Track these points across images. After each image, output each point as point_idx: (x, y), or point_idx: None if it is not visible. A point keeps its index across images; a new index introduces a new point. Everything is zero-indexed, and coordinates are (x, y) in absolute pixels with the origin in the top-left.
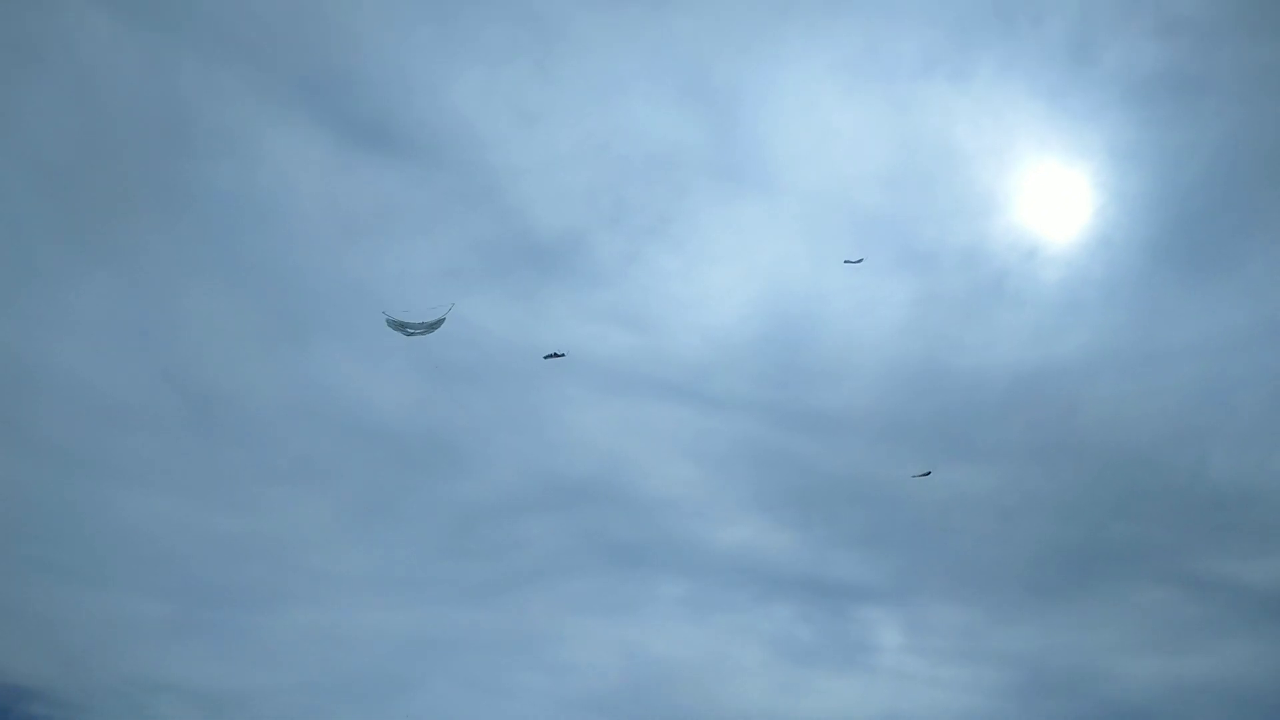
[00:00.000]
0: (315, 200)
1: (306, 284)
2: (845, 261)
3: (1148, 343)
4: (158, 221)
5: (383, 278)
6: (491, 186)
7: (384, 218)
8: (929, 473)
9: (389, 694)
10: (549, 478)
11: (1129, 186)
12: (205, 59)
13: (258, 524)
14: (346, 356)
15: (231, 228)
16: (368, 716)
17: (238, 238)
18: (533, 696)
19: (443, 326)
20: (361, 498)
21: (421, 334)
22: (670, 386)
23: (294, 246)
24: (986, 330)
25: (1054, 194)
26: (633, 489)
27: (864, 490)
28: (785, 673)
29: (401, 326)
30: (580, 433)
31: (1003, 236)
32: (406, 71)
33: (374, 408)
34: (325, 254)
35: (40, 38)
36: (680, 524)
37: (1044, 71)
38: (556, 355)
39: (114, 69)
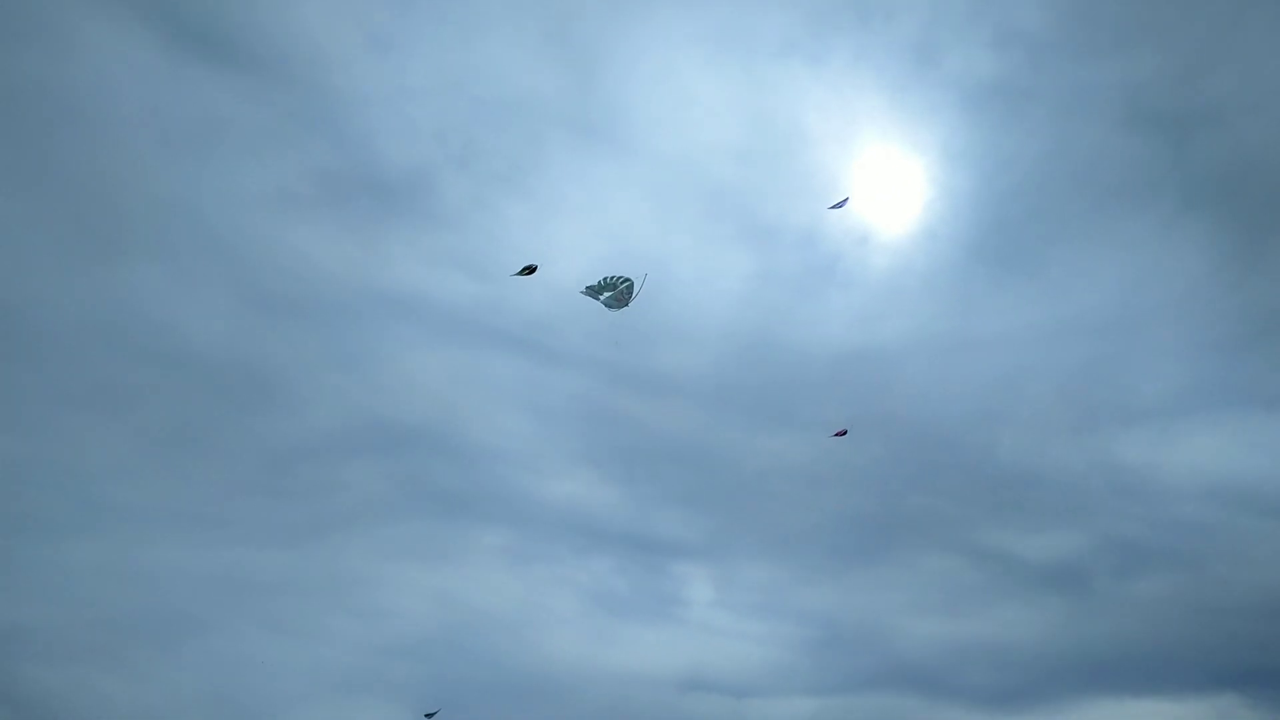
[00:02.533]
0: (135, 105)
1: (119, 195)
2: (830, 207)
3: (957, 332)
4: None
5: (206, 196)
6: (333, 112)
7: (212, 132)
8: (845, 431)
9: (187, 634)
10: (374, 421)
11: (957, 185)
12: None
13: (46, 449)
14: (159, 278)
15: (34, 124)
16: (164, 656)
17: (42, 136)
18: (343, 641)
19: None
20: (166, 428)
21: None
22: (508, 337)
23: (107, 153)
24: (817, 308)
25: (889, 185)
26: (461, 437)
27: (689, 452)
28: (600, 623)
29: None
30: (411, 377)
31: (839, 221)
32: None
33: (187, 334)
34: (143, 165)
35: None
36: (507, 475)
37: (891, 67)
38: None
39: None
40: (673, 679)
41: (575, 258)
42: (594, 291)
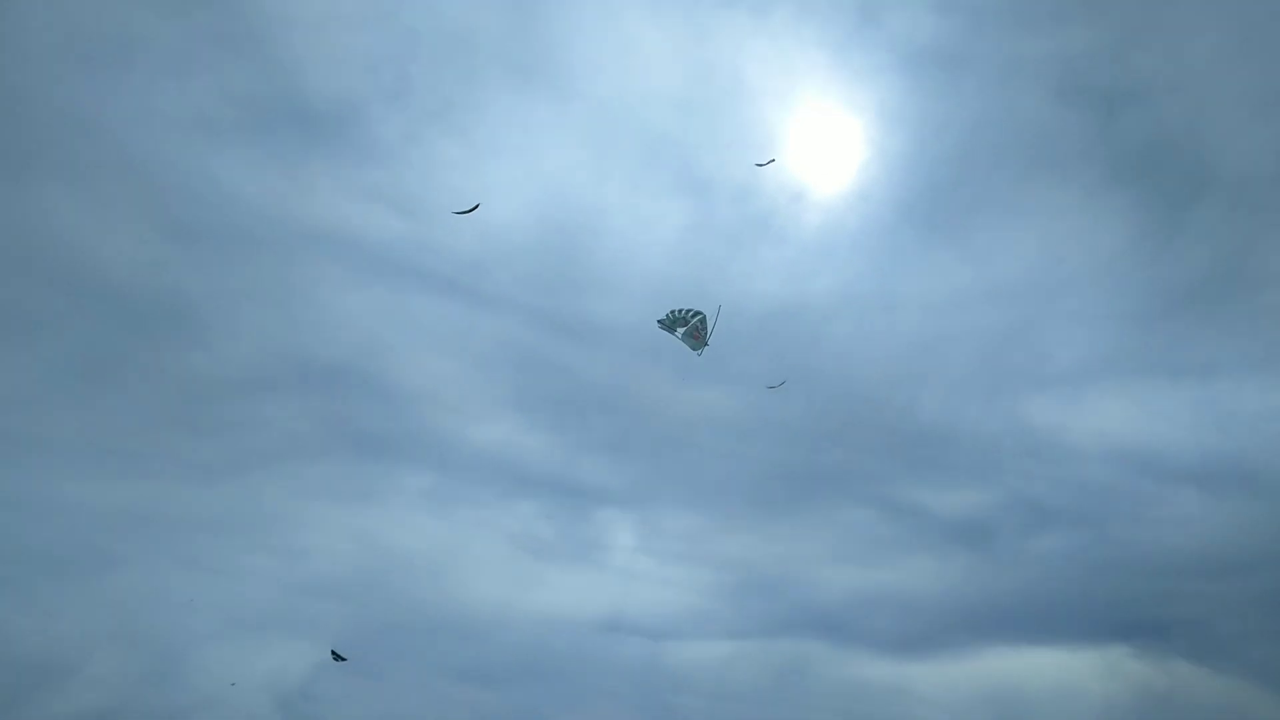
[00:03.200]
0: (44, 17)
1: (26, 111)
2: (757, 164)
3: (883, 292)
4: None
5: (120, 117)
6: (259, 34)
7: (127, 49)
8: (783, 382)
9: (97, 569)
10: (296, 358)
11: (891, 147)
12: None
13: None
14: (69, 200)
15: None
16: (73, 591)
17: None
18: (259, 579)
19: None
20: (75, 358)
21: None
22: (438, 278)
23: (14, 66)
24: (749, 263)
25: (825, 143)
26: (386, 378)
27: (618, 401)
28: (522, 566)
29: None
30: (335, 315)
31: (774, 176)
32: None
33: (99, 261)
34: (53, 80)
35: None
36: (433, 418)
37: (833, 24)
38: (470, 209)
39: None
40: (593, 622)
41: (509, 201)
42: (668, 326)
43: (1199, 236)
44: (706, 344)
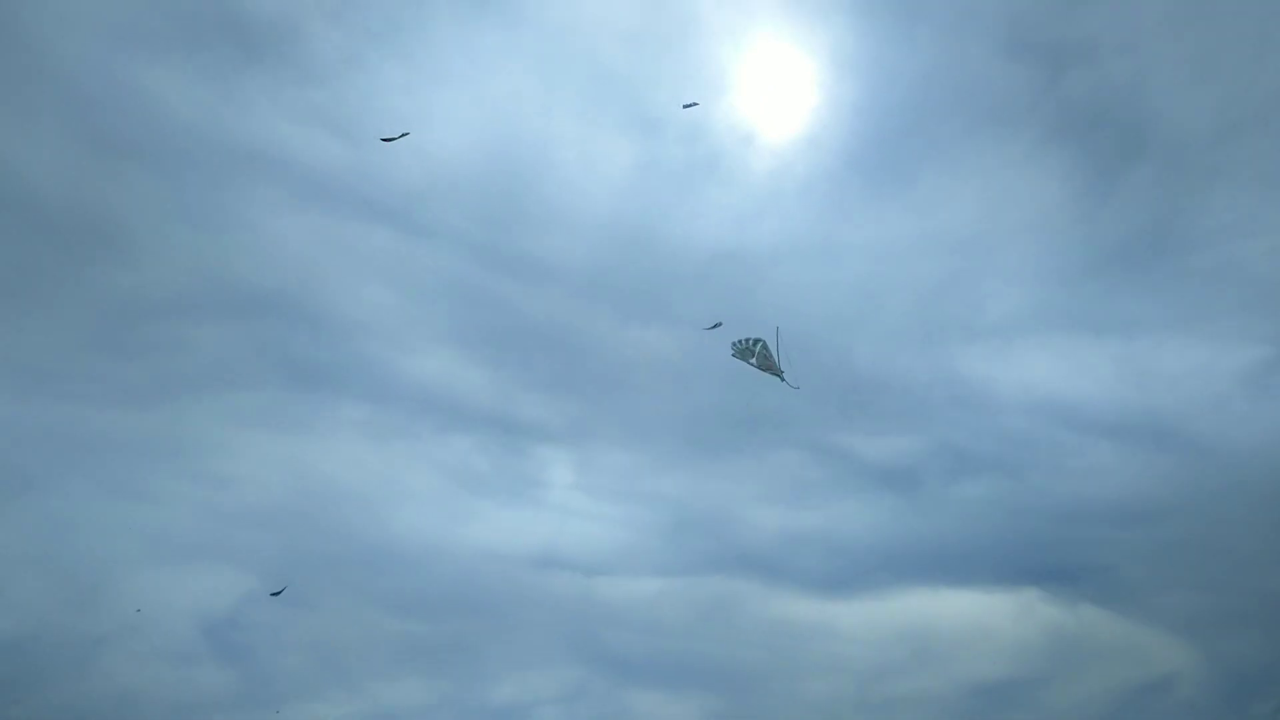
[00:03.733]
0: None
1: None
2: (683, 106)
3: (827, 239)
4: None
5: (44, 24)
6: None
7: None
8: (719, 324)
9: (15, 491)
10: (228, 282)
11: (842, 94)
12: None
13: None
14: None
15: None
16: None
17: None
18: (185, 506)
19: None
20: None
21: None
22: (377, 206)
23: None
24: (697, 204)
25: (778, 86)
26: (322, 307)
27: (559, 338)
28: (457, 501)
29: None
30: (270, 239)
31: (725, 117)
32: None
33: (22, 174)
34: None
35: None
36: (369, 349)
37: None
38: (398, 137)
39: None
40: (527, 557)
41: (453, 129)
42: (743, 356)
43: (1133, 197)
44: (781, 370)
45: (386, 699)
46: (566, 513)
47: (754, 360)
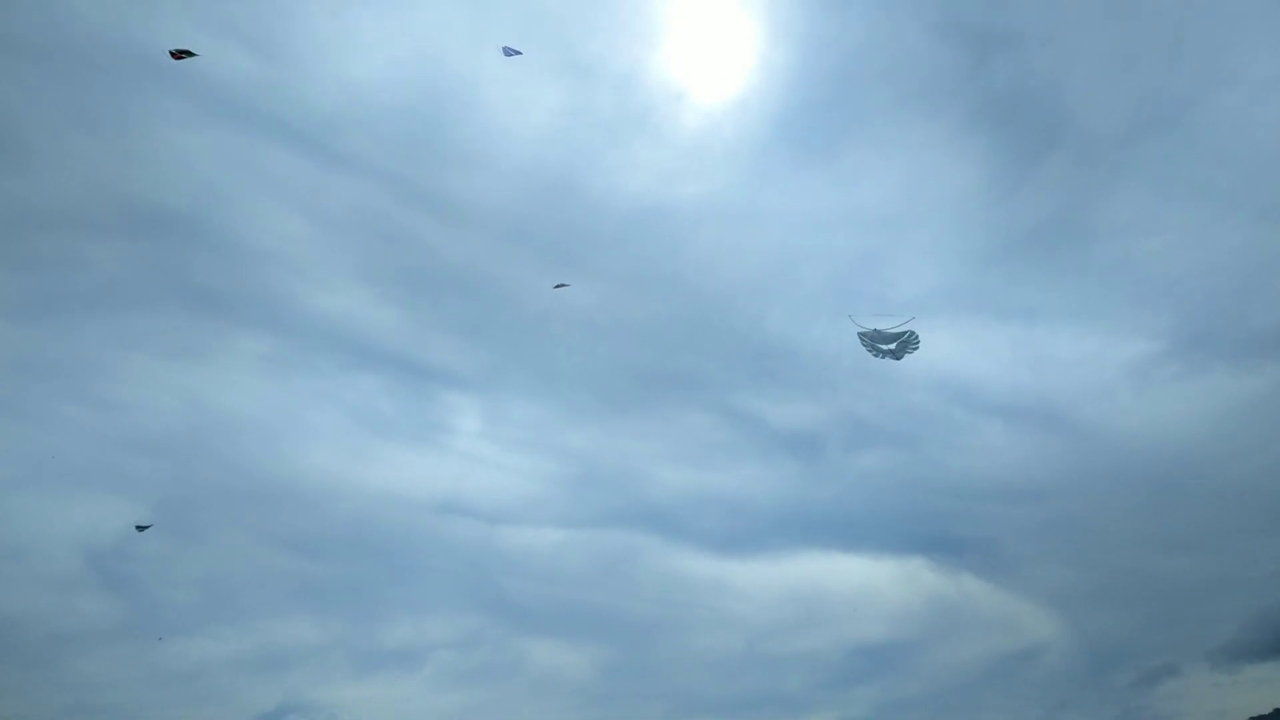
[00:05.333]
0: None
1: None
2: (505, 49)
3: (750, 204)
4: None
5: None
6: None
7: None
8: (567, 285)
9: None
10: (128, 198)
11: (776, 60)
12: None
13: None
14: None
15: None
16: None
17: None
18: (72, 429)
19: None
20: None
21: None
22: (291, 130)
23: None
24: (623, 157)
25: (713, 48)
26: (227, 232)
27: (476, 284)
28: (361, 442)
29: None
30: (174, 155)
31: (658, 72)
32: None
33: None
34: None
35: None
36: (276, 279)
37: None
38: (186, 54)
39: None
40: (429, 502)
41: (374, 55)
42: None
43: (1044, 187)
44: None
45: (277, 637)
46: (472, 460)
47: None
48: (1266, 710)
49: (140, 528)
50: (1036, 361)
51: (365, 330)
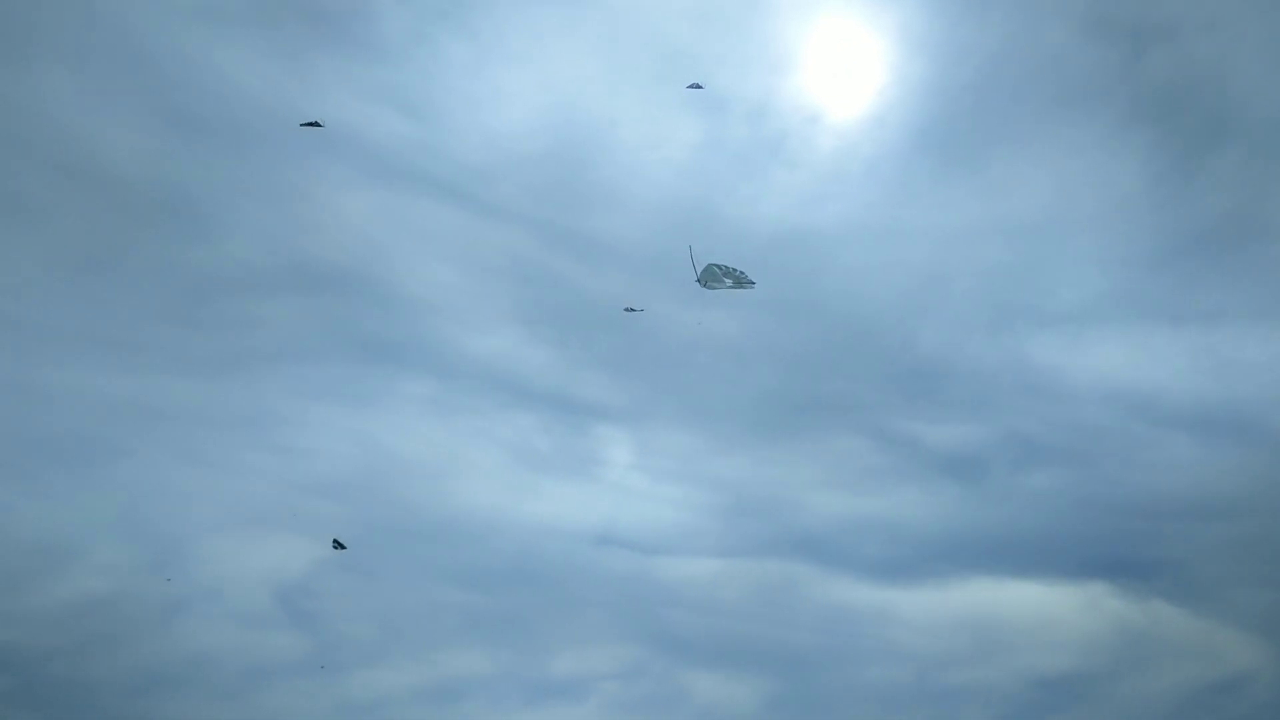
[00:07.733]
0: None
1: None
2: (689, 86)
3: (893, 222)
4: None
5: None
6: None
7: None
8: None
9: (98, 458)
10: (297, 258)
11: (911, 73)
12: None
13: None
14: (71, 85)
15: None
16: (73, 478)
17: None
18: (258, 476)
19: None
20: (76, 246)
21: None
22: (443, 184)
23: None
24: (760, 185)
25: (844, 65)
26: (387, 284)
27: (620, 318)
28: (519, 477)
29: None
30: (337, 216)
31: (791, 97)
32: None
33: (100, 149)
34: None
35: None
36: (434, 326)
37: None
38: (314, 124)
39: None
40: (586, 534)
41: (517, 108)
42: (714, 282)
43: (1215, 182)
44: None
45: (451, 668)
46: (625, 492)
47: (729, 282)
48: None
49: (338, 544)
50: (1220, 367)
51: (519, 370)
